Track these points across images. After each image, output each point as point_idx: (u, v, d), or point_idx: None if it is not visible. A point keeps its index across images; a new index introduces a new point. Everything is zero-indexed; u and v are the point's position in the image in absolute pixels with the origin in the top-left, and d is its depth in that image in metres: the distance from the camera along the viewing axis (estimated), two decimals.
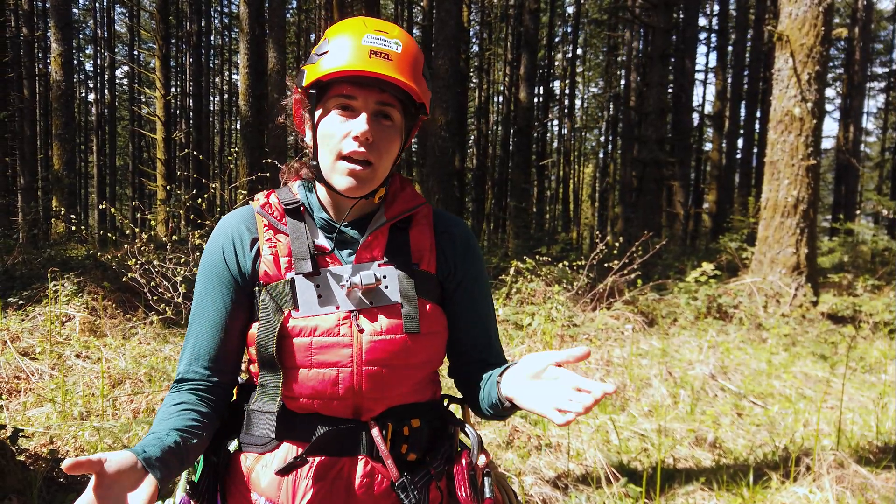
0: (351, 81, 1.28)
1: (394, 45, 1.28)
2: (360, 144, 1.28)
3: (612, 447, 4.32)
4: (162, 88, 19.15)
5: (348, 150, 1.29)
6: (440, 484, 1.42)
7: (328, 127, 1.31)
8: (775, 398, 5.55)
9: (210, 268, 1.39)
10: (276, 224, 1.38)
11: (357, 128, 1.28)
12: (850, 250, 14.10)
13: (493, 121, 36.98)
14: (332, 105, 1.31)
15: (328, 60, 1.28)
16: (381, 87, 1.28)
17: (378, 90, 1.28)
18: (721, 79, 25.00)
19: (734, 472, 3.98)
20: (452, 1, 11.28)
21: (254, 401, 1.38)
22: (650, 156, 15.22)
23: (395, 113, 1.32)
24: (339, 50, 1.27)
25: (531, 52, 19.67)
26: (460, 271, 1.45)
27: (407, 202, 1.43)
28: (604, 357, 5.97)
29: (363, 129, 1.27)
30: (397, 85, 1.27)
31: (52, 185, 14.53)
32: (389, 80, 1.26)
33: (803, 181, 8.45)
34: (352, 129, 1.29)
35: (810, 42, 8.28)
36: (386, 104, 1.30)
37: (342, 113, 1.30)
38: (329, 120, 1.31)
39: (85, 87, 38.24)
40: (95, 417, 4.19)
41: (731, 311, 8.25)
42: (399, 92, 1.30)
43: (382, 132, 1.31)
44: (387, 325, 1.33)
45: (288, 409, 1.33)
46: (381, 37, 1.28)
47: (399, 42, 1.29)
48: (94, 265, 8.22)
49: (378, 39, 1.27)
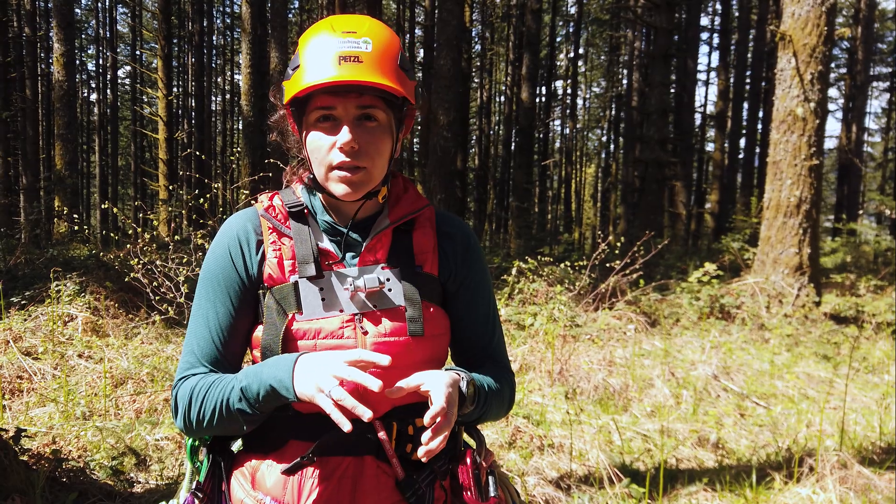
0: (327, 92, 1.27)
1: (363, 45, 1.26)
2: (347, 154, 1.28)
3: (615, 448, 4.31)
4: (164, 88, 19.17)
5: (337, 160, 1.29)
6: (444, 483, 1.43)
7: (314, 140, 1.31)
8: (778, 399, 5.54)
9: (215, 269, 1.39)
10: (280, 227, 1.38)
11: (340, 139, 1.28)
12: (852, 250, 14.08)
13: (496, 120, 37.00)
14: (313, 118, 1.31)
15: (301, 75, 1.27)
16: (358, 92, 1.27)
17: (356, 95, 1.27)
18: (723, 79, 24.97)
19: (737, 473, 3.98)
20: (454, 1, 11.27)
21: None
22: (652, 156, 15.21)
23: (379, 112, 1.31)
24: (310, 62, 1.27)
25: (533, 51, 19.67)
26: (462, 273, 1.46)
27: (410, 205, 1.43)
28: (606, 357, 5.96)
29: (346, 139, 1.27)
30: (370, 86, 1.26)
31: (54, 185, 14.54)
32: (363, 85, 1.25)
33: (806, 181, 8.43)
34: (335, 140, 1.29)
35: (813, 42, 8.27)
36: (367, 107, 1.29)
37: (324, 124, 1.30)
38: (313, 135, 1.31)
39: (87, 86, 38.32)
40: (98, 417, 4.20)
41: (734, 311, 8.24)
42: (379, 91, 1.28)
43: (368, 135, 1.30)
44: (391, 327, 1.33)
45: (293, 409, 1.33)
46: (350, 38, 1.26)
47: (369, 40, 1.27)
48: (96, 265, 8.23)
49: (346, 42, 1.26)
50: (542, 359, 5.78)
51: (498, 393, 1.44)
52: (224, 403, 1.27)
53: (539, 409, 4.79)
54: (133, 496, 3.28)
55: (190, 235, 5.95)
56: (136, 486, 3.39)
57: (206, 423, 1.31)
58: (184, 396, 1.33)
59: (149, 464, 3.62)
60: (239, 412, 1.26)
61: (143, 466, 3.59)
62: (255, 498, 1.36)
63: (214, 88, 35.84)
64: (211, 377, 1.32)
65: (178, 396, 1.35)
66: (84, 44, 36.13)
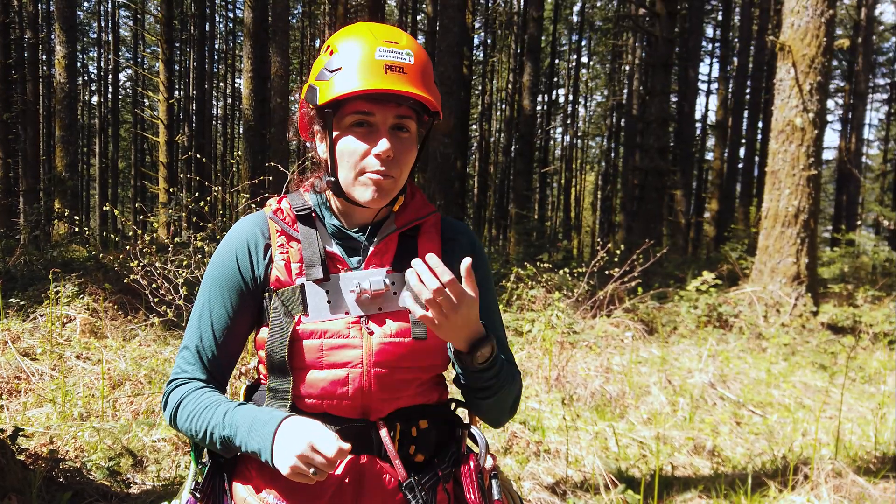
0: (367, 98, 1.28)
1: (406, 57, 1.28)
2: (382, 163, 1.29)
3: (611, 454, 4.32)
4: (165, 92, 19.22)
5: (371, 168, 1.30)
6: (447, 486, 1.43)
7: (348, 144, 1.31)
8: (774, 407, 5.55)
9: (221, 271, 1.40)
10: (289, 230, 1.39)
11: (379, 147, 1.28)
12: (850, 261, 14.10)
13: (496, 128, 37.06)
14: (348, 121, 1.31)
15: (342, 79, 1.27)
16: (397, 102, 1.29)
17: (395, 105, 1.29)
18: (724, 88, 25.05)
19: (732, 481, 3.98)
20: (456, 8, 11.32)
21: (264, 402, 1.39)
22: (651, 164, 15.23)
23: (412, 123, 1.33)
24: (353, 66, 1.27)
25: (535, 60, 19.73)
26: None
27: (417, 210, 1.45)
28: (603, 364, 5.97)
29: (385, 147, 1.28)
30: (415, 98, 1.28)
31: (54, 187, 14.56)
32: (408, 96, 1.27)
33: (804, 191, 8.46)
34: (373, 147, 1.29)
35: (812, 53, 8.30)
36: (404, 117, 1.31)
37: (359, 129, 1.31)
38: (348, 138, 1.31)
39: (88, 89, 38.38)
40: (95, 418, 4.20)
41: (732, 320, 8.26)
42: (415, 103, 1.31)
43: (401, 145, 1.32)
44: (395, 328, 1.34)
45: (297, 408, 1.35)
46: (393, 48, 1.28)
47: (411, 52, 1.29)
48: (95, 267, 8.24)
49: (391, 52, 1.27)
50: (540, 365, 5.79)
51: (510, 371, 1.40)
52: (209, 435, 1.30)
53: (536, 414, 4.80)
54: (129, 497, 3.29)
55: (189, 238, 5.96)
56: (133, 487, 3.40)
57: (193, 437, 1.35)
58: (172, 403, 1.37)
59: (145, 465, 3.62)
60: (223, 448, 1.30)
61: (140, 467, 3.60)
62: (258, 498, 1.37)
63: (215, 93, 35.90)
64: (199, 398, 1.34)
65: (169, 400, 1.38)
66: (86, 46, 36.22)
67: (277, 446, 1.19)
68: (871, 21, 24.50)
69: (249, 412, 1.27)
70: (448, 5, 11.33)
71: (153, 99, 26.52)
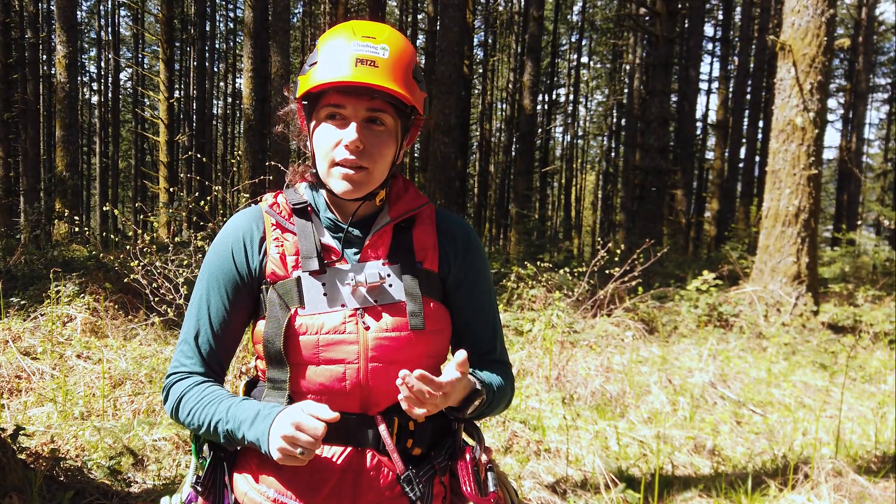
0: (339, 91, 1.31)
1: (381, 52, 1.30)
2: (351, 152, 1.32)
3: (611, 453, 4.32)
4: (165, 91, 19.23)
5: (340, 157, 1.33)
6: (444, 479, 1.45)
7: (321, 136, 1.35)
8: (774, 407, 5.55)
9: (216, 265, 1.42)
10: (284, 223, 1.41)
11: (347, 137, 1.31)
12: (851, 260, 14.08)
13: (497, 127, 37.06)
14: (323, 114, 1.35)
15: (317, 72, 1.31)
16: (370, 95, 1.31)
17: (367, 97, 1.31)
18: (724, 88, 25.04)
19: (732, 480, 3.98)
20: (457, 7, 11.31)
21: (263, 396, 1.40)
22: (652, 164, 15.23)
23: (387, 117, 1.34)
24: (328, 60, 1.30)
25: (536, 59, 19.71)
26: (462, 269, 1.48)
27: (410, 202, 1.46)
28: (604, 364, 5.97)
29: (352, 137, 1.30)
30: (383, 91, 1.29)
31: (54, 187, 14.56)
32: (375, 88, 1.28)
33: (804, 190, 8.46)
34: (342, 137, 1.32)
35: (812, 52, 8.30)
36: (376, 110, 1.33)
37: (333, 122, 1.34)
38: (321, 129, 1.35)
39: (89, 89, 38.39)
40: (96, 417, 4.21)
41: (732, 319, 8.26)
42: (389, 97, 1.32)
43: (374, 138, 1.34)
44: (392, 322, 1.35)
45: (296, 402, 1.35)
46: (368, 43, 1.30)
47: (387, 47, 1.31)
48: (96, 266, 8.24)
49: (365, 46, 1.30)
50: (540, 364, 5.79)
51: (501, 391, 1.47)
52: (212, 428, 1.32)
53: (536, 414, 4.80)
54: (130, 496, 3.29)
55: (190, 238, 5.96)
56: (134, 486, 3.40)
57: (195, 430, 1.38)
58: (174, 398, 1.39)
59: (146, 464, 3.63)
60: (226, 440, 1.33)
61: (141, 466, 3.60)
62: (258, 490, 1.38)
63: (216, 92, 35.91)
64: (201, 392, 1.36)
65: (170, 394, 1.40)
66: (86, 46, 36.23)
67: (272, 433, 1.23)
68: (871, 20, 24.49)
69: (252, 407, 1.30)
70: (448, 5, 11.32)
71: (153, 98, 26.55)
